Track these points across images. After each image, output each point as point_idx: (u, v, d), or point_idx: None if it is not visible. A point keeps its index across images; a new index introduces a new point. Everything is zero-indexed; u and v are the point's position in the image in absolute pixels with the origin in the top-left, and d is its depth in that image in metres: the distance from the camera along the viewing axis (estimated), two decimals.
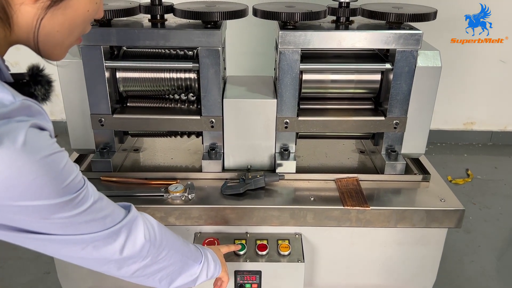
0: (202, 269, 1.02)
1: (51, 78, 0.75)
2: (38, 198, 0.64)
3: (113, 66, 1.36)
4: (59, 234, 0.71)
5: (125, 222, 0.81)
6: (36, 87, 0.72)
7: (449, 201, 1.33)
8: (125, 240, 0.81)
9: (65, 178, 0.67)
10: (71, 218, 0.70)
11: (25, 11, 0.69)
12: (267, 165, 1.46)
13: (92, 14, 0.78)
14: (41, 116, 0.66)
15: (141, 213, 0.90)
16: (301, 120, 1.40)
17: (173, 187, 1.33)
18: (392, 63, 1.34)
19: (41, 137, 0.64)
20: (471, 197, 3.05)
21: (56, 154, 0.66)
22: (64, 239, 0.72)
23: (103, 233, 0.77)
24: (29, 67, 0.73)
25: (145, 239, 0.85)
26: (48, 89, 0.74)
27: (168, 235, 0.94)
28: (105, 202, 0.79)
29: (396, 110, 1.39)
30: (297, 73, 1.34)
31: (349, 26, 1.36)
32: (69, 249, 0.75)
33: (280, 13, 1.28)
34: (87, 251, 0.76)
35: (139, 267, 0.86)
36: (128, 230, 0.82)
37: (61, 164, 0.67)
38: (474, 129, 3.84)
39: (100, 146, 1.43)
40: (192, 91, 1.43)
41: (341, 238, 1.37)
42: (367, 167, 1.55)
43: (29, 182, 0.62)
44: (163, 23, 1.35)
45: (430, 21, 1.31)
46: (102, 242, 0.77)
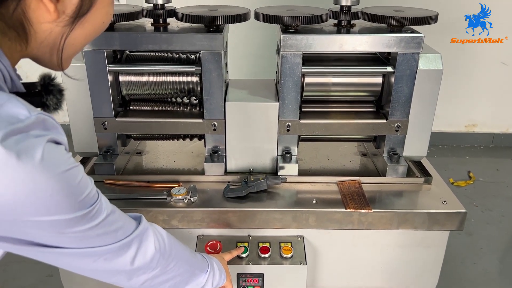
0: (208, 278, 1.03)
1: (62, 87, 0.75)
2: (54, 213, 0.64)
3: (116, 70, 1.37)
4: (72, 248, 0.71)
5: (136, 234, 0.82)
6: (48, 96, 0.72)
7: (451, 204, 1.33)
8: (136, 252, 0.81)
9: (80, 193, 0.67)
10: (84, 232, 0.70)
11: (46, 29, 0.69)
12: (269, 168, 1.47)
13: (106, 25, 0.78)
14: (56, 130, 0.66)
15: (151, 224, 0.90)
16: (303, 123, 1.40)
17: (176, 190, 1.34)
18: (393, 66, 1.35)
19: (58, 152, 0.64)
20: (473, 200, 3.05)
21: (72, 169, 0.66)
22: (77, 252, 0.72)
23: (115, 246, 0.77)
24: (41, 76, 0.73)
25: (155, 250, 0.85)
26: (60, 98, 0.74)
27: (176, 245, 0.95)
28: (117, 214, 0.79)
29: (398, 112, 1.39)
30: (299, 76, 1.34)
31: (351, 30, 1.37)
32: (81, 261, 0.75)
33: (282, 17, 1.29)
34: (98, 263, 0.76)
35: (148, 277, 0.86)
36: (139, 242, 0.82)
37: (77, 179, 0.67)
38: (476, 131, 3.84)
39: (103, 149, 1.44)
40: (194, 94, 1.44)
41: (343, 240, 1.37)
42: (369, 169, 1.56)
43: (46, 197, 0.62)
44: (166, 27, 1.36)
45: (431, 24, 1.32)
46: (114, 254, 0.77)
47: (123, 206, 1.29)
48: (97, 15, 0.74)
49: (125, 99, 1.46)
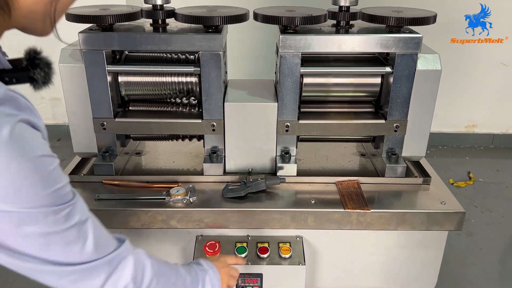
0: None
1: (50, 60, 0.71)
2: (13, 201, 0.58)
3: (115, 70, 1.37)
4: (32, 256, 0.64)
5: (112, 256, 0.73)
6: (35, 70, 0.68)
7: (450, 204, 1.33)
8: (106, 279, 0.72)
9: (50, 185, 0.61)
10: (49, 236, 0.62)
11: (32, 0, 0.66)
12: (268, 168, 1.47)
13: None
14: (31, 111, 0.62)
15: (136, 251, 0.81)
16: (302, 123, 1.41)
17: (175, 190, 1.34)
18: (392, 67, 1.35)
19: (31, 135, 0.60)
20: (473, 200, 3.04)
21: (45, 158, 0.61)
22: (37, 263, 0.65)
23: (83, 266, 0.68)
24: (26, 51, 0.69)
25: (131, 281, 0.76)
26: (48, 72, 0.70)
27: (162, 276, 0.84)
28: (95, 227, 0.71)
29: (397, 113, 1.39)
30: (297, 76, 1.35)
31: (349, 30, 1.37)
32: (44, 276, 0.67)
33: (281, 18, 1.29)
34: (62, 282, 0.69)
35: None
36: (112, 268, 0.73)
37: (48, 169, 0.61)
38: (476, 131, 3.84)
39: (102, 150, 1.44)
40: (193, 94, 1.44)
41: (342, 241, 1.37)
42: (368, 170, 1.56)
43: (7, 182, 0.56)
44: (165, 28, 1.37)
45: (429, 24, 1.32)
46: (80, 275, 0.69)
47: (122, 207, 1.31)
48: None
49: (124, 99, 1.46)
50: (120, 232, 1.34)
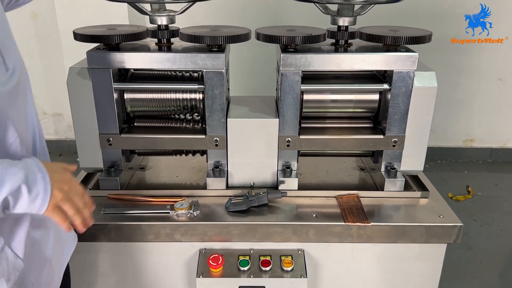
0: None
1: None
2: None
3: (121, 87, 1.41)
4: None
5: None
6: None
7: (448, 217, 1.36)
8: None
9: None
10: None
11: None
12: (269, 182, 1.50)
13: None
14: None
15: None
16: (302, 139, 1.44)
17: (179, 204, 1.37)
18: (389, 84, 1.39)
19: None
20: (472, 214, 3.07)
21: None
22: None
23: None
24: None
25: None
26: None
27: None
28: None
29: (395, 128, 1.43)
30: (298, 93, 1.39)
31: (348, 49, 1.42)
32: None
33: (282, 37, 1.34)
34: None
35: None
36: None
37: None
38: (474, 146, 3.88)
39: (108, 165, 1.47)
40: (197, 111, 1.48)
41: (342, 253, 1.40)
42: (367, 184, 1.59)
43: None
44: (170, 47, 1.41)
45: (425, 43, 1.37)
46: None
47: (127, 221, 1.34)
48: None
49: (129, 115, 1.50)
50: (126, 246, 1.37)
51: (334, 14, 1.39)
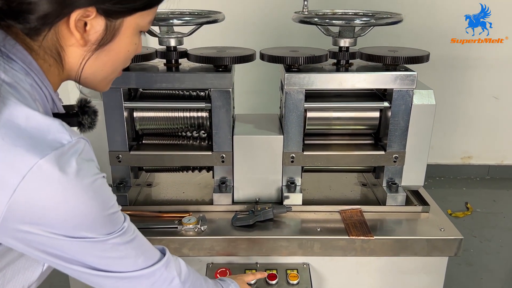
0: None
1: (96, 109, 0.85)
2: (94, 231, 0.72)
3: (131, 106, 1.46)
4: (93, 267, 0.77)
5: (157, 267, 0.87)
6: (84, 116, 0.82)
7: (448, 231, 1.40)
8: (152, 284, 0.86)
9: (109, 207, 0.75)
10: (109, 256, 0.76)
11: (74, 52, 0.78)
12: (274, 197, 1.54)
13: (132, 53, 0.86)
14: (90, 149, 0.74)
15: (177, 257, 0.97)
16: (306, 155, 1.49)
17: (187, 219, 1.40)
18: (389, 102, 1.44)
19: (90, 166, 0.72)
20: (471, 230, 3.09)
21: (102, 179, 0.75)
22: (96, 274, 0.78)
23: (133, 274, 0.82)
24: (78, 100, 0.83)
25: (177, 275, 0.91)
26: (94, 119, 0.84)
27: (193, 276, 0.98)
28: (142, 241, 0.86)
29: (395, 145, 1.48)
30: (301, 111, 1.44)
31: (349, 68, 1.47)
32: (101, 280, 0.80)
33: (286, 57, 1.39)
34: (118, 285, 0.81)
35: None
36: (158, 276, 0.87)
37: (107, 191, 0.76)
38: (472, 163, 3.92)
39: (117, 181, 1.51)
40: (203, 128, 1.53)
41: (346, 267, 1.43)
42: (369, 199, 1.63)
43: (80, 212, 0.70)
44: (178, 67, 1.47)
45: (423, 63, 1.43)
46: (130, 281, 0.82)
47: None
48: (121, 44, 0.81)
49: (138, 133, 1.55)
50: None
51: (336, 35, 1.46)
